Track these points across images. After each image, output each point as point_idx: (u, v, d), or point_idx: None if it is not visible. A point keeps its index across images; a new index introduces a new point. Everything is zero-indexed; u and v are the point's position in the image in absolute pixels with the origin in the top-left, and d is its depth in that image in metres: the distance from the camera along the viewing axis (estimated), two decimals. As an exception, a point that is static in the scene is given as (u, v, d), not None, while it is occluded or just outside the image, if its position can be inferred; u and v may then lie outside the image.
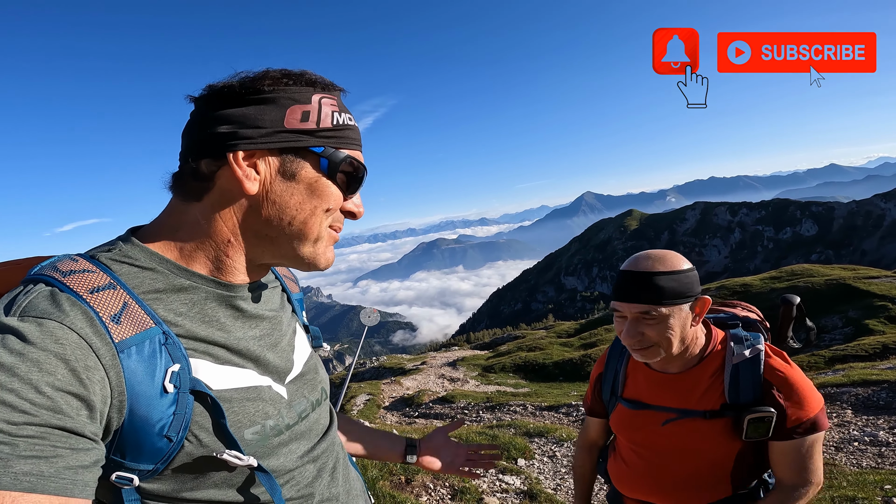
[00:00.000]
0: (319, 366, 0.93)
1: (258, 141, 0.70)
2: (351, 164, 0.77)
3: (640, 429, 1.38)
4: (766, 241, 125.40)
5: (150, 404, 0.61)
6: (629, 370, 1.45)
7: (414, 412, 10.46)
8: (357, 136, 0.80)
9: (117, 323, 0.61)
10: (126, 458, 0.62)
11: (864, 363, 9.95)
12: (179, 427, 0.63)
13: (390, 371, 17.21)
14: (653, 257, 1.25)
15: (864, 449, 5.19)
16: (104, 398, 0.58)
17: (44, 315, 0.57)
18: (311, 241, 0.75)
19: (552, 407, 8.84)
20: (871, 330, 13.84)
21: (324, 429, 0.87)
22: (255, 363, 0.75)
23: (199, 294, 0.72)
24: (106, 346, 0.59)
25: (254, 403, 0.72)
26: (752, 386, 1.23)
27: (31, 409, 0.52)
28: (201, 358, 0.68)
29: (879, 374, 7.62)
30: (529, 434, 6.44)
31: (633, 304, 1.23)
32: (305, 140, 0.72)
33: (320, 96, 0.74)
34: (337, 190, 0.76)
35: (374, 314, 5.12)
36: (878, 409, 6.45)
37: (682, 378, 1.32)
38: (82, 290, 0.62)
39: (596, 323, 22.74)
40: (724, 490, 1.31)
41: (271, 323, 0.82)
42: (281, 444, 0.75)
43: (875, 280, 17.85)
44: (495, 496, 4.22)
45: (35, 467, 0.51)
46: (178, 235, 0.72)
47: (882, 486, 3.88)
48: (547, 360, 15.73)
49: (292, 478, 0.76)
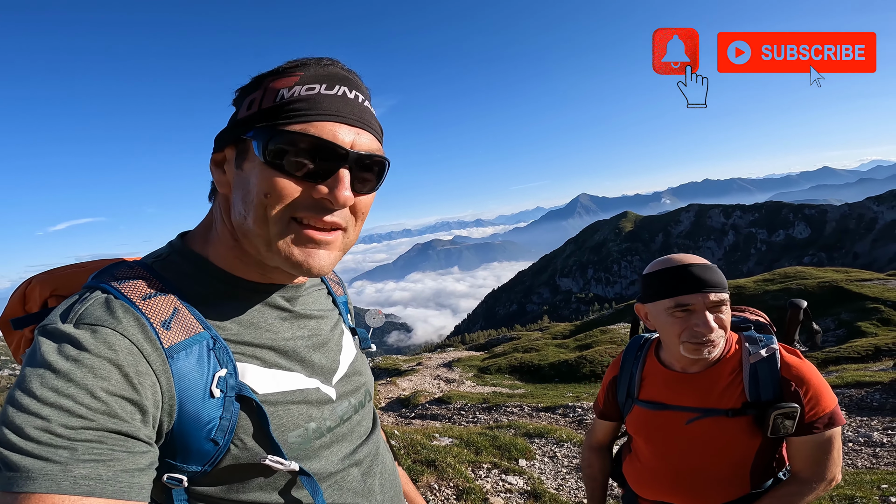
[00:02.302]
0: (365, 368, 0.92)
1: (222, 141, 0.71)
2: (292, 139, 0.64)
3: (660, 429, 1.41)
4: (759, 243, 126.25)
5: (198, 408, 0.63)
6: (645, 372, 1.48)
7: (410, 413, 10.47)
8: (324, 103, 0.66)
9: (167, 328, 0.63)
10: (177, 459, 0.63)
11: (857, 365, 10.07)
12: (226, 431, 0.64)
13: (386, 372, 17.19)
14: (689, 256, 1.32)
15: (859, 450, 5.26)
16: (156, 402, 0.60)
17: (98, 322, 0.59)
18: (267, 239, 0.67)
19: (549, 408, 8.87)
20: (864, 332, 14.00)
21: (367, 431, 0.86)
22: (302, 364, 0.76)
23: (245, 297, 0.73)
24: (156, 352, 0.61)
25: (298, 406, 0.72)
26: (771, 383, 1.27)
27: (87, 413, 0.53)
28: (249, 361, 0.69)
29: (872, 375, 7.72)
30: (529, 435, 6.48)
31: (709, 293, 1.25)
32: (246, 127, 0.67)
33: (273, 78, 0.68)
34: (279, 176, 0.65)
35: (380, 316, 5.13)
36: (871, 410, 6.54)
37: (702, 377, 1.35)
38: (135, 296, 0.64)
39: (591, 324, 22.83)
40: (742, 488, 1.34)
41: (319, 322, 0.82)
42: (322, 446, 0.75)
43: (867, 283, 18.04)
44: (499, 496, 4.26)
45: (94, 471, 0.52)
46: (210, 238, 0.75)
47: (879, 486, 3.96)
48: (542, 361, 15.77)
49: (336, 481, 0.75)
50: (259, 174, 0.65)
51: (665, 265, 1.32)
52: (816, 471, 1.27)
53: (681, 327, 1.28)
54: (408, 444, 5.16)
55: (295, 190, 0.66)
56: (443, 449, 5.11)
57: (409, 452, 4.88)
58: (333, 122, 0.66)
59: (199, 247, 0.75)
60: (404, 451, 4.91)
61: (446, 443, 5.61)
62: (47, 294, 0.77)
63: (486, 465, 4.93)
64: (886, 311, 15.09)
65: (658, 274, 1.33)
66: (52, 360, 0.55)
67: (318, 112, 0.66)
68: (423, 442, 5.29)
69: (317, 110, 0.66)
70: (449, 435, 6.06)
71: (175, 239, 0.77)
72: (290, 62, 0.69)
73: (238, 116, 0.69)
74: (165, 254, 0.74)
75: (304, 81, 0.67)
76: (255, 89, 0.69)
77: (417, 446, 5.09)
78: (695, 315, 1.27)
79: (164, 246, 0.76)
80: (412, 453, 4.85)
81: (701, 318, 1.25)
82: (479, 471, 4.80)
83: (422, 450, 4.95)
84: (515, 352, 18.14)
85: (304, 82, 0.67)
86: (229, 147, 0.71)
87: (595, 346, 16.56)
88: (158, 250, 0.75)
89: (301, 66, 0.69)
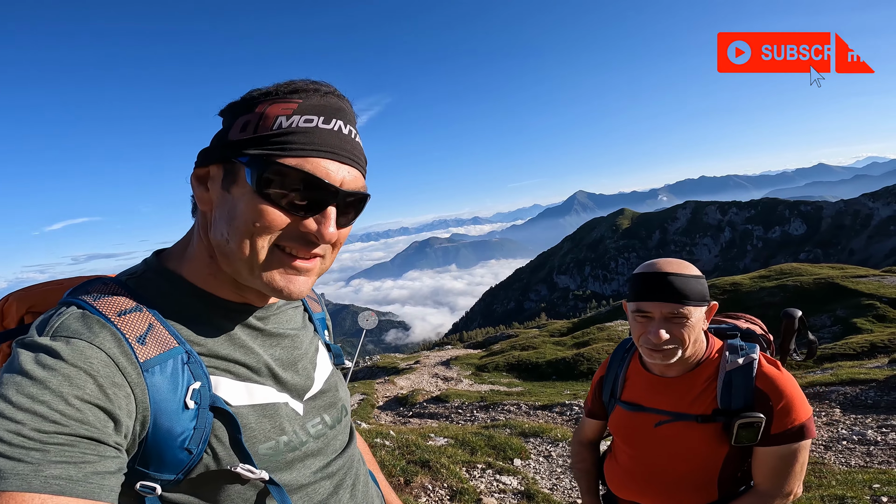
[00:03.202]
0: (341, 383, 0.94)
1: (207, 158, 0.72)
2: (286, 173, 0.66)
3: (635, 430, 1.43)
4: (755, 240, 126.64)
5: (172, 419, 0.65)
6: (629, 373, 1.51)
7: (408, 412, 10.48)
8: (321, 139, 0.68)
9: (142, 344, 0.65)
10: (150, 468, 0.65)
11: (852, 362, 10.11)
12: (199, 440, 0.66)
13: (384, 370, 17.20)
14: (673, 262, 1.32)
15: (853, 448, 5.28)
16: (129, 412, 0.61)
17: (74, 335, 0.61)
18: (251, 265, 0.69)
19: (546, 406, 8.89)
20: (860, 328, 14.05)
21: (342, 445, 0.87)
22: (275, 380, 0.78)
23: (218, 315, 0.75)
24: (132, 366, 0.63)
25: (270, 420, 0.74)
26: (743, 393, 1.28)
27: (61, 419, 0.55)
28: (222, 375, 0.71)
29: (867, 372, 7.75)
30: (525, 434, 6.49)
31: (666, 304, 1.27)
32: (238, 150, 0.67)
33: (270, 102, 0.68)
34: (269, 207, 0.66)
35: (373, 318, 5.13)
36: (866, 407, 6.57)
37: (678, 382, 1.37)
38: (110, 313, 0.66)
39: (588, 322, 22.86)
40: (711, 494, 1.35)
41: (292, 341, 0.84)
42: (295, 459, 0.76)
43: (863, 279, 18.11)
44: (493, 496, 4.26)
45: (64, 472, 0.53)
46: (187, 255, 0.76)
47: (870, 485, 3.96)
48: (540, 359, 15.80)
49: (306, 493, 0.77)
50: (248, 202, 0.67)
51: (642, 269, 1.34)
52: (775, 483, 1.27)
53: (639, 331, 1.33)
54: (402, 445, 5.16)
55: (283, 221, 0.68)
56: (437, 449, 5.11)
57: (403, 453, 4.87)
58: (328, 160, 0.68)
59: (174, 264, 0.77)
60: (399, 452, 4.91)
61: (441, 443, 5.61)
62: (24, 310, 0.79)
63: (481, 466, 4.93)
64: (882, 307, 15.14)
65: (634, 277, 1.36)
66: (29, 369, 0.57)
67: (314, 147, 0.67)
68: (417, 442, 5.29)
69: (313, 145, 0.67)
70: (444, 435, 6.06)
71: (150, 257, 0.79)
72: (288, 85, 0.70)
73: (229, 137, 0.69)
74: (140, 271, 0.75)
75: (303, 111, 0.68)
76: (249, 110, 0.69)
77: (412, 447, 5.08)
78: (651, 322, 1.30)
79: (140, 263, 0.78)
80: (406, 454, 4.85)
81: (654, 326, 1.29)
82: (473, 471, 4.80)
83: (416, 450, 4.95)
84: (513, 349, 18.16)
85: (302, 112, 0.68)
86: (215, 165, 0.71)
87: (592, 343, 16.58)
88: (133, 268, 0.77)
89: (300, 91, 0.70)
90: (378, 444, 5.14)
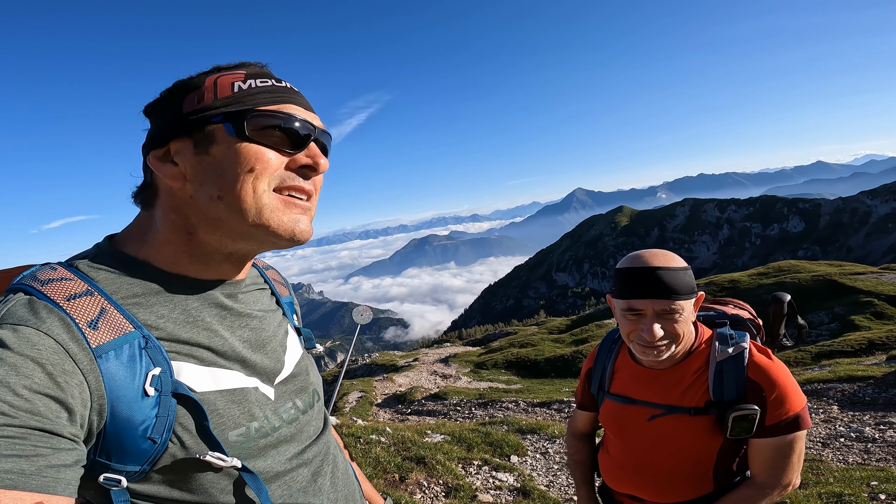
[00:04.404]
0: (312, 367, 0.92)
1: (165, 136, 0.72)
2: (266, 116, 0.71)
3: (626, 423, 1.41)
4: (753, 237, 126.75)
5: (131, 407, 0.62)
6: (617, 365, 1.48)
7: (406, 409, 10.47)
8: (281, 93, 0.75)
9: (94, 328, 0.62)
10: (112, 459, 0.63)
11: (850, 359, 10.11)
12: (163, 429, 0.64)
13: (382, 368, 17.21)
14: (658, 255, 1.26)
15: (851, 445, 5.27)
16: (83, 401, 0.59)
17: (20, 322, 0.59)
18: (254, 210, 0.70)
19: (544, 403, 8.89)
20: (857, 326, 14.07)
21: (317, 431, 0.86)
22: (242, 364, 0.76)
23: (180, 295, 0.73)
24: (83, 352, 0.60)
25: (239, 405, 0.72)
26: (735, 384, 1.25)
27: (9, 410, 0.53)
28: (185, 360, 0.69)
29: (865, 370, 7.75)
30: (522, 431, 6.48)
31: (658, 301, 1.23)
32: (206, 114, 0.70)
33: (218, 75, 0.73)
34: (260, 148, 0.70)
35: (367, 312, 5.10)
36: (864, 405, 6.56)
37: (668, 374, 1.34)
38: (59, 297, 0.63)
39: (587, 319, 22.89)
40: (706, 486, 1.33)
41: (260, 322, 0.82)
42: (268, 445, 0.75)
43: (861, 276, 18.14)
44: (489, 493, 4.24)
45: (16, 465, 0.52)
46: (148, 240, 0.74)
47: (868, 483, 3.95)
48: (539, 356, 15.81)
49: (284, 482, 0.76)
50: (237, 150, 0.69)
51: (628, 264, 1.29)
52: (772, 475, 1.25)
53: (630, 328, 1.29)
54: (398, 442, 5.14)
55: (277, 160, 0.72)
56: (433, 446, 5.09)
57: (399, 450, 4.86)
58: (296, 105, 0.75)
59: (133, 249, 0.74)
60: (394, 449, 4.89)
61: (438, 439, 5.59)
62: None
63: (477, 462, 4.91)
64: (880, 304, 15.17)
65: (620, 272, 1.31)
66: None
67: (279, 98, 0.73)
68: (413, 439, 5.28)
69: (277, 95, 0.74)
70: (441, 431, 6.05)
71: (102, 241, 0.76)
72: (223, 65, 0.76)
73: (184, 110, 0.71)
74: (92, 254, 0.73)
75: (254, 76, 0.74)
76: (197, 87, 0.72)
77: (408, 443, 5.07)
78: (643, 319, 1.26)
79: (91, 248, 0.75)
80: (402, 450, 4.83)
81: (648, 324, 1.25)
82: (469, 468, 4.78)
83: (412, 447, 4.93)
84: (512, 347, 18.17)
85: (253, 77, 0.74)
86: (176, 141, 0.72)
87: (591, 340, 16.60)
88: (84, 252, 0.74)
89: (242, 66, 0.75)
90: (374, 440, 5.12)
